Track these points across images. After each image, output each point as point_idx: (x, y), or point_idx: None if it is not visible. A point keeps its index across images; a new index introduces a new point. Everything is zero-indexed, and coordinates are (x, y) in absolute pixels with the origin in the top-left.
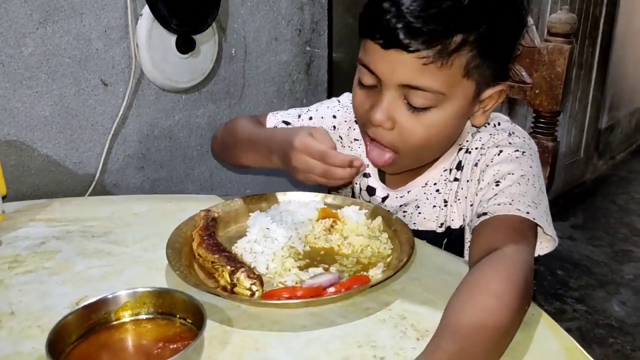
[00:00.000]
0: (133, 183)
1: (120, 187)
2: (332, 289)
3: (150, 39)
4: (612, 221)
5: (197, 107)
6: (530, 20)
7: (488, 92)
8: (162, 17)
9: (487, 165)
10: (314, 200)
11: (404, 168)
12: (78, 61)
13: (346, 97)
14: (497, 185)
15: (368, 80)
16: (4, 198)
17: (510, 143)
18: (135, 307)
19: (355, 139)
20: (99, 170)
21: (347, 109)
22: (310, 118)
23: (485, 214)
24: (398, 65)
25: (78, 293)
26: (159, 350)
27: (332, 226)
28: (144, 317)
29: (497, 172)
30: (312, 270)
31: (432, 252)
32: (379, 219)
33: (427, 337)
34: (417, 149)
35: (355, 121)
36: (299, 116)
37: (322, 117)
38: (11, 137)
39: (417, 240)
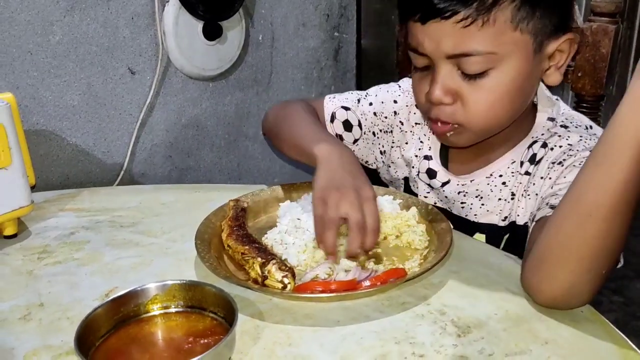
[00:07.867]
0: (161, 172)
1: (148, 176)
2: (367, 283)
3: (177, 25)
4: None
5: (224, 94)
6: None
7: (553, 45)
8: (189, 4)
9: (574, 166)
10: None
11: (474, 140)
12: (105, 49)
13: (407, 82)
14: None
15: (420, 62)
16: (33, 188)
17: None
18: (165, 300)
19: (416, 123)
20: (127, 159)
21: (408, 93)
22: (371, 104)
23: None
24: (441, 37)
25: (107, 284)
26: (190, 345)
27: None
28: (174, 310)
29: None
30: (344, 262)
31: (471, 245)
32: (413, 209)
33: (468, 334)
34: (483, 119)
35: (416, 105)
36: (358, 101)
37: (382, 102)
38: (40, 127)
39: (455, 232)
